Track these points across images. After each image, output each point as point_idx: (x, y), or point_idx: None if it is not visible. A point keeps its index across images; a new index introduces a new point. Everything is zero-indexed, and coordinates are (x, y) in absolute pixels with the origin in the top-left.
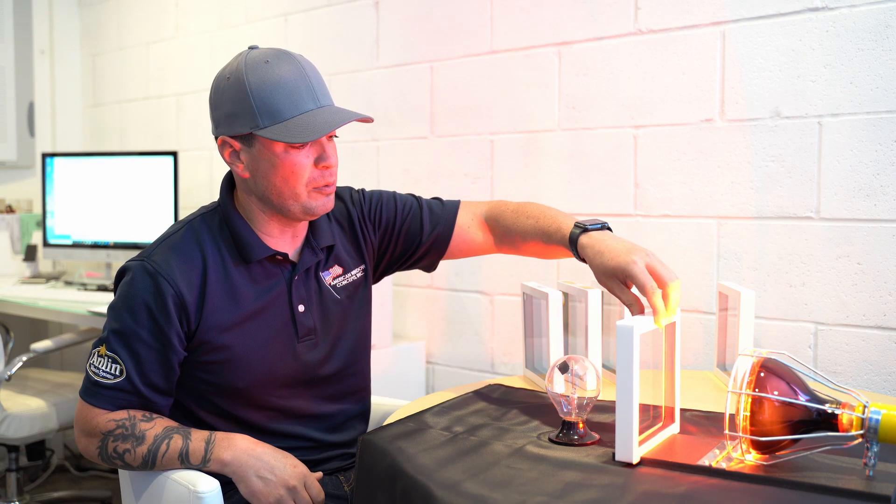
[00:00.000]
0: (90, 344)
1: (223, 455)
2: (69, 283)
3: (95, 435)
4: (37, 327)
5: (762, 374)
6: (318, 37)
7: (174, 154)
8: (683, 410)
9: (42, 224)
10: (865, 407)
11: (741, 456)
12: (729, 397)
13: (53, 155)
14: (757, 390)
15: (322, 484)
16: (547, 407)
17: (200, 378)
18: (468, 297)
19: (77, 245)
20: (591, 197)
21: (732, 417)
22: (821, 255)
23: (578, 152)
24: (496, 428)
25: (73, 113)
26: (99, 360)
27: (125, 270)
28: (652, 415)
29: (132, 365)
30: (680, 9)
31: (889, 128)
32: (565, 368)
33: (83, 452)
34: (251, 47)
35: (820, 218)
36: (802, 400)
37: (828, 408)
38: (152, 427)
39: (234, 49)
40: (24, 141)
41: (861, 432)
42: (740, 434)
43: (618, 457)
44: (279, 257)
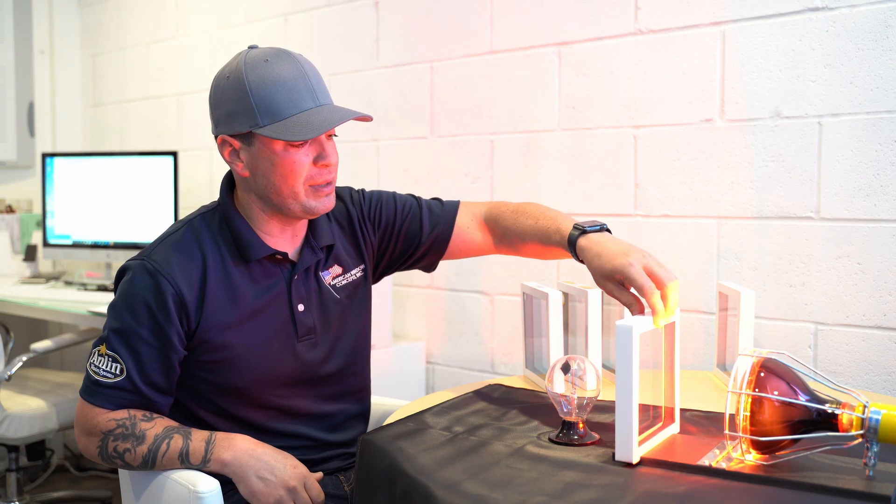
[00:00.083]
0: (90, 344)
1: (223, 455)
2: (69, 283)
3: (96, 434)
4: (37, 327)
5: (762, 374)
6: (318, 37)
7: (174, 154)
8: (683, 410)
9: (42, 224)
10: (865, 407)
11: (741, 456)
12: (729, 397)
13: (53, 155)
14: (757, 390)
15: (322, 484)
16: (547, 407)
17: (200, 377)
18: (468, 297)
19: (77, 245)
20: (591, 197)
21: (732, 417)
22: (821, 255)
23: (578, 152)
24: (496, 428)
25: (73, 113)
26: (99, 360)
27: (125, 269)
28: (652, 415)
29: (132, 364)
30: (680, 9)
31: (889, 128)
32: (566, 368)
33: (83, 452)
34: (251, 47)
35: (820, 218)
36: (802, 400)
37: (828, 408)
38: (152, 427)
39: (234, 49)
40: (24, 141)
41: (861, 432)
42: (740, 434)
43: (618, 457)
44: (279, 256)
